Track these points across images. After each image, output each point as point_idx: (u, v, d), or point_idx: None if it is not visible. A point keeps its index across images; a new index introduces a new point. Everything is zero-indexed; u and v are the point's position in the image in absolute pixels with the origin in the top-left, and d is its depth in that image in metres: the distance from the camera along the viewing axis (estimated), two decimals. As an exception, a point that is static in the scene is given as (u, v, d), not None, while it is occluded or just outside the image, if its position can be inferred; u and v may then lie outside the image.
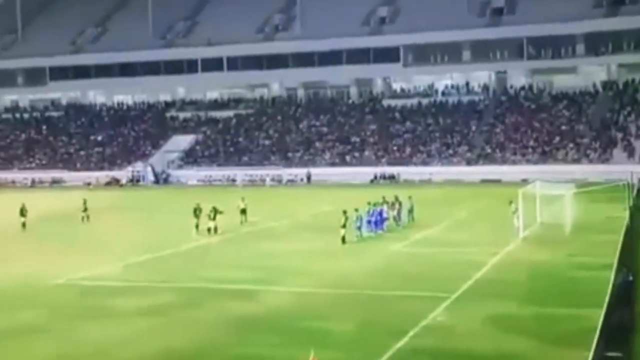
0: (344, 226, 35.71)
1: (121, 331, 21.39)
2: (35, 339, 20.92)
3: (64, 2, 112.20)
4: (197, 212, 40.24)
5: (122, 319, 22.74)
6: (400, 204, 41.23)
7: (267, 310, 23.35)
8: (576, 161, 70.61)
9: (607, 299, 22.01)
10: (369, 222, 37.46)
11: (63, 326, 22.14)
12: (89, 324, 22.25)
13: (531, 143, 74.80)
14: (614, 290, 23.01)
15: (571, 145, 73.08)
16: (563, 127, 76.28)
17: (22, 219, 43.44)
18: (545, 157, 72.40)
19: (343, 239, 35.49)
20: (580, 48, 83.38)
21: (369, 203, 38.76)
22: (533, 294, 24.68)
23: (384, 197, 41.18)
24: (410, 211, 41.48)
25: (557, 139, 74.50)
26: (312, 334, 20.66)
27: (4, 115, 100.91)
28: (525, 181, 54.74)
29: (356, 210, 37.15)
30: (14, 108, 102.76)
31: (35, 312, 23.78)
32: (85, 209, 46.88)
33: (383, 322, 21.52)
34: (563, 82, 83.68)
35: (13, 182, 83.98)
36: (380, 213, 38.57)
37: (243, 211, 43.05)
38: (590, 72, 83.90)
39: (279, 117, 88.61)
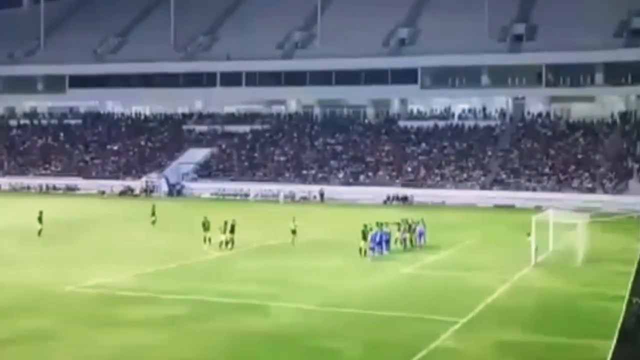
0: (365, 239, 36.63)
1: (131, 341, 21.47)
2: (45, 346, 21.03)
3: (87, 12, 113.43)
4: (205, 225, 40.38)
5: (132, 328, 22.83)
6: (415, 224, 41.17)
7: (277, 326, 23.39)
8: (591, 190, 70.28)
9: (617, 330, 21.94)
10: (379, 243, 37.48)
11: (72, 333, 22.25)
12: (99, 332, 22.36)
13: (546, 170, 74.63)
14: (624, 322, 22.92)
15: (586, 174, 72.83)
16: (579, 156, 76.08)
17: (39, 226, 43.67)
18: (560, 185, 72.13)
19: (361, 251, 36.54)
20: (600, 77, 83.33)
21: (377, 224, 38.78)
22: (543, 322, 24.59)
23: (405, 219, 41.39)
24: (422, 234, 41.37)
25: (573, 167, 74.28)
26: (321, 353, 20.71)
27: (22, 121, 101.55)
28: (538, 208, 54.66)
29: (370, 229, 37.34)
30: (33, 114, 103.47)
31: (45, 319, 23.92)
32: (154, 213, 49.28)
33: (392, 344, 21.53)
34: (581, 111, 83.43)
35: (28, 187, 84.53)
36: (388, 235, 38.53)
37: (293, 232, 41.38)
38: (609, 102, 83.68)
39: (295, 134, 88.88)
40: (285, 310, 25.56)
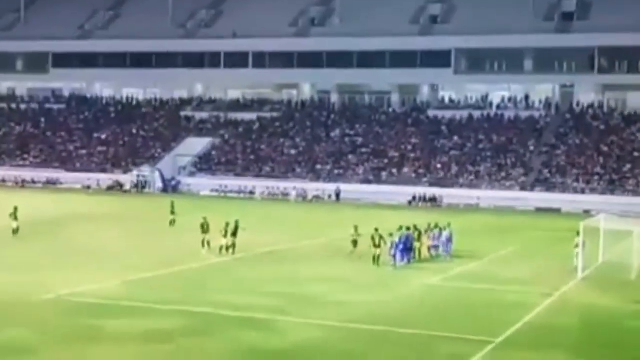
0: (378, 246, 36.59)
1: (117, 357, 21.55)
2: (20, 361, 21.17)
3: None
4: (204, 227, 40.45)
5: (118, 343, 22.89)
6: (441, 230, 41.11)
7: (285, 344, 23.42)
8: (648, 193, 70.15)
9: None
10: (402, 250, 37.32)
11: (50, 349, 22.33)
12: (80, 348, 22.42)
13: (597, 169, 74.39)
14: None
15: (644, 174, 72.67)
16: (635, 154, 75.77)
17: (14, 224, 43.84)
18: (613, 186, 71.92)
19: (374, 260, 36.53)
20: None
21: (400, 228, 38.67)
22: (588, 344, 24.56)
23: (429, 224, 41.40)
24: (449, 240, 41.16)
25: (628, 166, 74.01)
26: (333, 375, 20.75)
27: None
28: (588, 213, 54.50)
29: (390, 235, 37.29)
30: (11, 97, 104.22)
31: (20, 331, 24.02)
32: (173, 212, 49.87)
33: (415, 366, 21.54)
34: (638, 102, 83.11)
35: (3, 180, 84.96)
36: (408, 239, 38.17)
37: (355, 242, 39.88)
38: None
39: (308, 124, 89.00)
40: (294, 326, 25.58)
